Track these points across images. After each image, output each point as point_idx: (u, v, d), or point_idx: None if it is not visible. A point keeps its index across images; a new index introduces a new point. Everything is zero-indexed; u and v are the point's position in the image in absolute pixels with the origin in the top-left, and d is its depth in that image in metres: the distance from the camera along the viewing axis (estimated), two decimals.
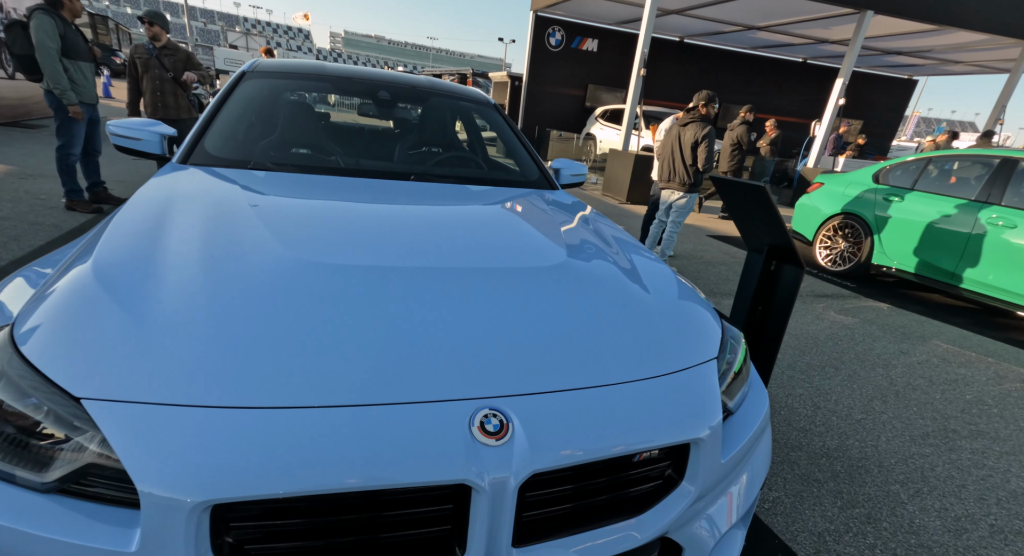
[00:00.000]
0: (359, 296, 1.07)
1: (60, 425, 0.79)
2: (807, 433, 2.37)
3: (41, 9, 3.94)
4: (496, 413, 0.89)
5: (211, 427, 0.77)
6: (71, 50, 4.08)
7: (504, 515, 0.84)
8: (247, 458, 0.75)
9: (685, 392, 1.08)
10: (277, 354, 0.89)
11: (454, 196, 1.89)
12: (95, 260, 1.06)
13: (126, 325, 0.90)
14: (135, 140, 1.88)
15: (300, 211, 1.51)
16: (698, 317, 1.34)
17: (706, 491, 1.07)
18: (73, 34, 4.09)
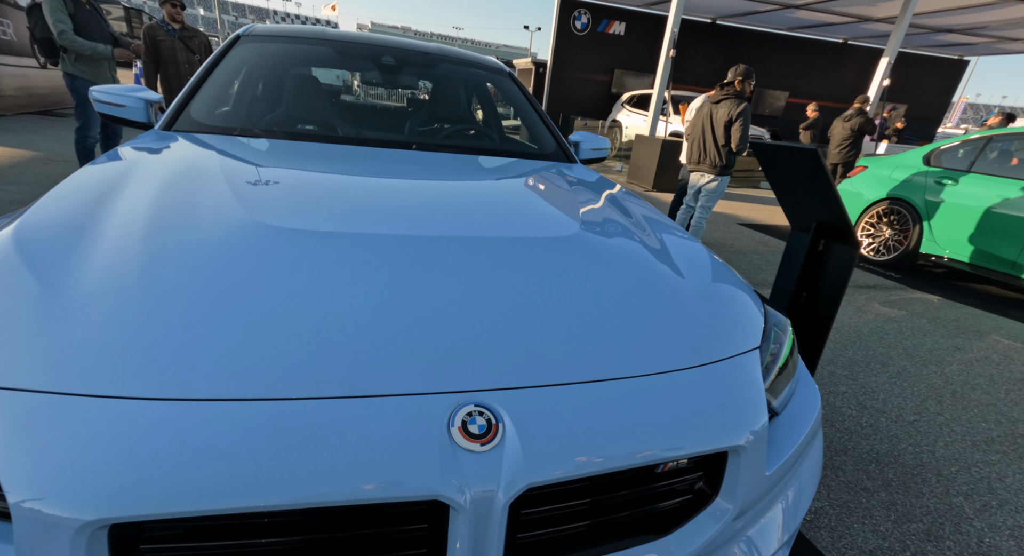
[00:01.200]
0: (323, 266, 0.90)
1: None
2: (852, 435, 2.13)
3: None
4: (483, 410, 0.71)
5: (118, 423, 0.61)
6: (81, 30, 4.02)
7: (491, 539, 0.67)
8: (160, 464, 0.59)
9: (721, 388, 0.88)
10: (212, 336, 0.72)
11: (457, 166, 1.70)
12: (19, 224, 0.92)
13: (37, 298, 0.75)
14: (118, 107, 1.75)
15: (280, 177, 1.35)
16: (737, 301, 1.12)
17: (746, 509, 0.87)
18: (84, 14, 4.03)
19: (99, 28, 4.17)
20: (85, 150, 4.28)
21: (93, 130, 4.25)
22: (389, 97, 2.74)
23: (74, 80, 4.05)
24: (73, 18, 3.95)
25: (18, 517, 0.56)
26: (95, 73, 4.12)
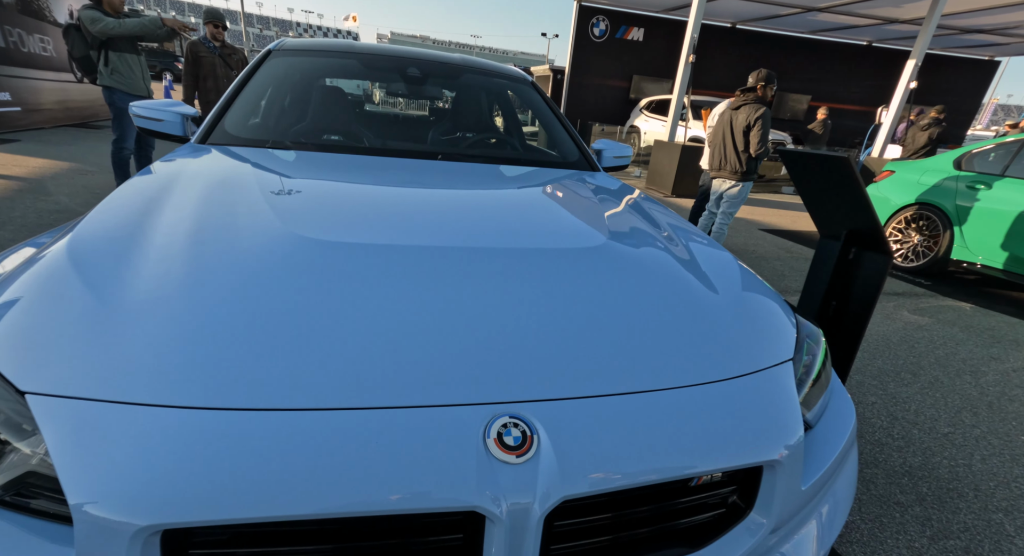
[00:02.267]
0: (361, 279, 0.92)
1: (4, 426, 0.67)
2: (884, 447, 2.07)
3: (84, 6, 4.09)
4: (518, 422, 0.71)
5: (171, 431, 0.64)
6: (114, 42, 4.17)
7: (527, 550, 0.67)
8: (210, 472, 0.61)
9: (755, 400, 0.87)
10: (258, 348, 0.75)
11: (483, 176, 1.72)
12: (71, 239, 0.96)
13: (91, 310, 0.79)
14: (156, 121, 1.81)
15: (314, 189, 1.38)
16: (768, 312, 1.12)
17: (781, 524, 0.86)
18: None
19: (131, 41, 4.33)
20: (120, 161, 4.44)
21: (128, 142, 4.41)
22: (415, 107, 2.79)
23: (112, 93, 4.21)
24: None
25: (79, 521, 0.58)
26: (131, 85, 4.27)
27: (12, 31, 7.37)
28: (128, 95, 4.27)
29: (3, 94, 7.15)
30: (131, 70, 4.28)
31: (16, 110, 7.39)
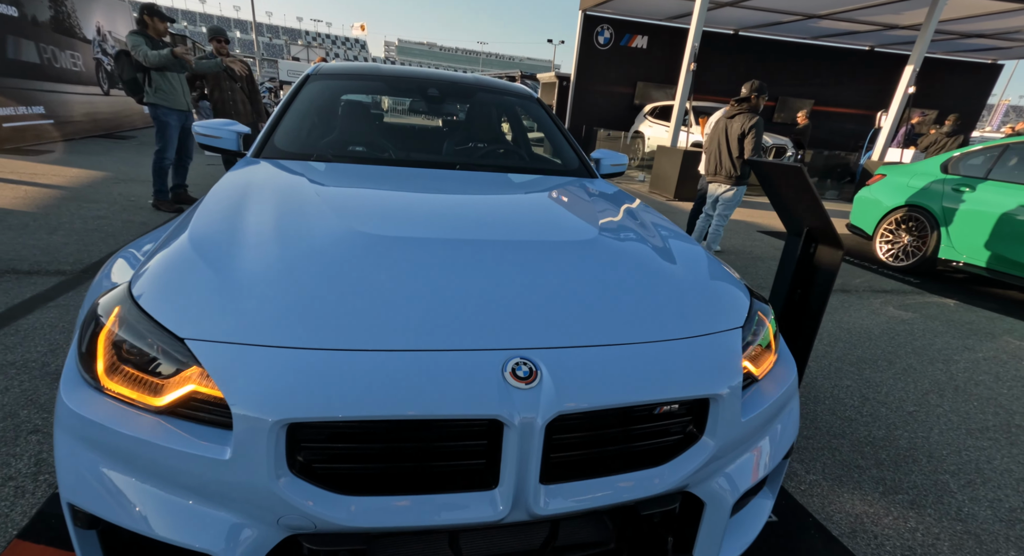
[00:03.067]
0: (408, 262, 1.21)
1: (169, 360, 0.97)
2: (852, 422, 2.33)
3: (132, 31, 4.47)
4: (526, 362, 1.00)
5: (288, 363, 0.93)
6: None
7: (532, 452, 0.95)
8: (316, 388, 0.90)
9: (707, 354, 1.15)
10: (342, 308, 1.04)
11: (495, 183, 2.02)
12: (190, 233, 1.26)
13: (218, 283, 1.08)
14: (215, 138, 2.13)
15: (357, 194, 1.68)
16: (726, 290, 1.39)
17: (725, 448, 1.13)
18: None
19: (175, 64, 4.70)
20: (161, 170, 4.79)
21: (169, 153, 4.76)
22: (434, 122, 3.10)
23: (156, 109, 4.57)
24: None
25: (237, 421, 0.87)
26: (172, 101, 4.63)
27: (47, 49, 7.81)
28: (170, 110, 4.63)
29: (37, 108, 7.58)
30: (173, 88, 4.63)
31: (49, 123, 7.81)
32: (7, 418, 1.84)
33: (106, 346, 1.02)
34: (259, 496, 0.89)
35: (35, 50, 7.54)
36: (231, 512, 0.92)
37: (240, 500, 0.91)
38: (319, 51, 56.15)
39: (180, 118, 4.81)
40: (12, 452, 1.68)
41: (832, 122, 15.29)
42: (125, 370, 1.00)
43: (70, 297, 2.86)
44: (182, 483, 0.92)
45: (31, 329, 2.47)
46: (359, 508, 0.92)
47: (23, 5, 7.27)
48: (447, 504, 0.96)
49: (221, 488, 0.90)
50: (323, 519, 0.90)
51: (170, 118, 4.70)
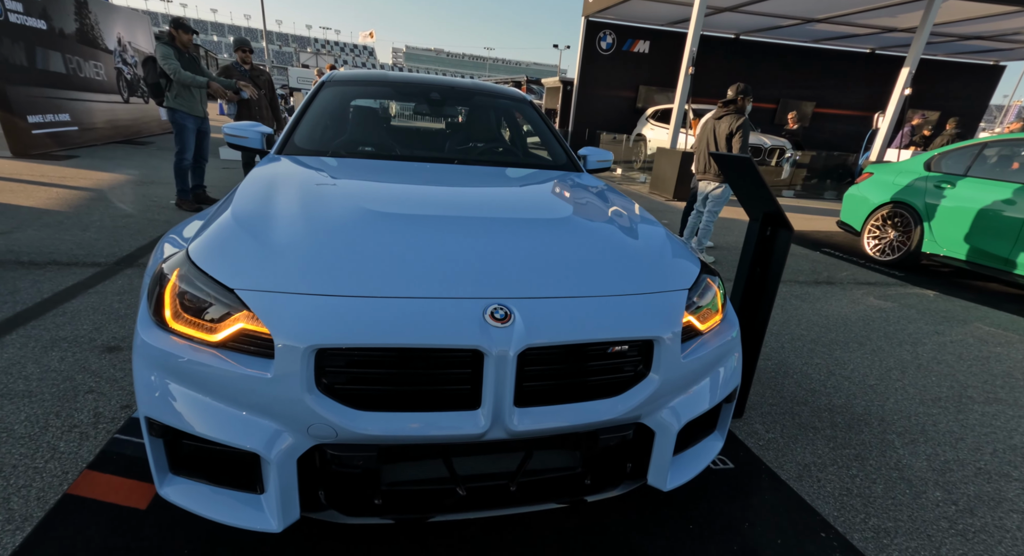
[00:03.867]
0: (410, 232, 1.48)
1: (221, 306, 1.24)
2: (815, 393, 2.56)
3: (161, 41, 4.81)
4: (503, 307, 1.25)
5: (315, 305, 1.19)
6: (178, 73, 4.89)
7: (507, 379, 1.20)
8: (337, 323, 1.16)
9: (654, 307, 1.40)
10: (356, 265, 1.30)
11: (488, 174, 2.28)
12: (232, 212, 1.53)
13: (258, 248, 1.35)
14: (243, 138, 2.41)
15: (368, 182, 1.95)
16: (678, 261, 1.64)
17: (668, 384, 1.38)
18: (186, 61, 4.90)
19: (197, 72, 5.03)
20: (181, 170, 5.12)
21: (188, 154, 5.09)
22: (437, 123, 3.38)
23: (174, 113, 4.91)
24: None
25: (278, 350, 1.13)
26: (190, 107, 4.96)
27: (72, 59, 8.21)
28: (188, 115, 4.96)
29: (64, 115, 7.97)
30: (191, 95, 4.97)
31: (74, 129, 8.20)
32: (66, 381, 2.12)
33: (171, 297, 1.29)
34: (294, 408, 1.16)
35: (62, 61, 7.94)
36: (272, 421, 1.18)
37: (279, 412, 1.17)
38: (328, 58, 57.15)
39: (196, 122, 5.13)
40: (74, 407, 1.96)
41: (834, 124, 15.46)
42: (186, 316, 1.27)
43: (107, 285, 3.16)
44: (234, 398, 1.18)
45: (76, 311, 2.76)
46: (370, 421, 1.18)
47: (51, 18, 7.67)
48: (440, 420, 1.22)
49: (265, 401, 1.16)
50: (342, 427, 1.16)
51: (187, 122, 5.03)
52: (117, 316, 2.75)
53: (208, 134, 5.41)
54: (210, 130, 5.43)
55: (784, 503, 1.76)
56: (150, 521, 1.47)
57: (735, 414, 2.26)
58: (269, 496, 1.23)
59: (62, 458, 1.69)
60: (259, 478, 1.25)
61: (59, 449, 1.73)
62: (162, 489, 1.30)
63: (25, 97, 7.11)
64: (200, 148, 5.31)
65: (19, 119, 6.98)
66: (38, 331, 2.51)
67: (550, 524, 1.58)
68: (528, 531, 1.55)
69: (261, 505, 1.25)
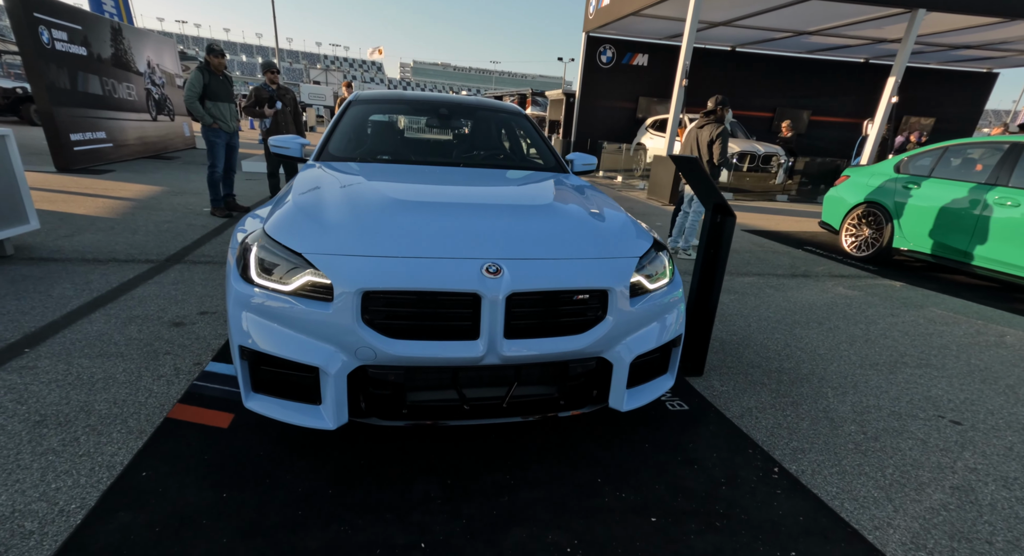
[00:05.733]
0: (426, 213, 1.97)
1: (290, 265, 1.72)
2: (769, 359, 2.99)
3: (196, 67, 5.38)
4: (495, 264, 1.72)
5: (360, 262, 1.67)
6: (212, 94, 5.45)
7: (498, 316, 1.67)
8: (376, 274, 1.64)
9: (610, 268, 1.87)
10: (388, 236, 1.79)
11: (488, 174, 2.78)
12: (292, 200, 2.03)
13: (315, 225, 1.84)
14: (285, 149, 2.93)
15: (391, 179, 2.45)
16: (633, 238, 2.10)
17: (620, 324, 1.83)
18: (217, 83, 5.46)
19: (227, 92, 5.59)
20: (213, 181, 5.67)
21: (219, 166, 5.64)
22: (446, 133, 3.94)
23: (207, 129, 5.46)
24: (207, 86, 5.38)
25: (336, 294, 1.61)
26: (222, 124, 5.49)
27: (108, 81, 8.88)
28: (220, 131, 5.51)
29: (100, 133, 8.62)
30: (222, 114, 5.50)
31: (109, 146, 8.85)
32: (147, 346, 2.62)
33: (255, 261, 1.78)
34: (346, 335, 1.63)
35: (99, 83, 8.61)
36: (330, 345, 1.65)
37: (336, 338, 1.64)
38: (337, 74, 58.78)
39: (227, 138, 5.70)
40: (157, 363, 2.45)
41: (829, 131, 15.89)
42: (265, 274, 1.75)
43: (162, 277, 3.68)
44: (303, 329, 1.66)
45: (142, 297, 3.27)
46: (400, 347, 1.66)
47: (91, 45, 8.35)
48: (449, 347, 1.69)
49: (326, 329, 1.64)
50: (381, 350, 1.64)
51: (219, 137, 5.58)
52: (175, 300, 3.25)
53: (237, 148, 5.97)
54: (239, 145, 6.00)
55: (724, 433, 2.20)
56: (231, 435, 1.95)
57: (695, 373, 2.71)
58: (326, 404, 1.70)
59: (157, 396, 2.18)
60: (317, 394, 1.72)
61: (153, 390, 2.22)
62: (247, 402, 1.77)
63: (68, 117, 7.76)
64: (230, 161, 5.86)
65: (63, 137, 7.62)
66: (116, 311, 3.01)
67: (535, 439, 2.04)
68: (517, 442, 2.01)
69: (319, 413, 1.72)
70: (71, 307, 3.01)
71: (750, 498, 1.80)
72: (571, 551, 1.52)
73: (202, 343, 2.69)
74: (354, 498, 1.67)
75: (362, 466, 1.83)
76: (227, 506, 1.59)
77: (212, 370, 2.42)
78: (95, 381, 2.25)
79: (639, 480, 1.86)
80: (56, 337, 2.63)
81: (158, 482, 1.67)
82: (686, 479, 1.88)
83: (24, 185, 3.88)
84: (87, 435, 1.89)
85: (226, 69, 5.61)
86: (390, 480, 1.77)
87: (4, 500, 1.56)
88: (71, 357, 2.44)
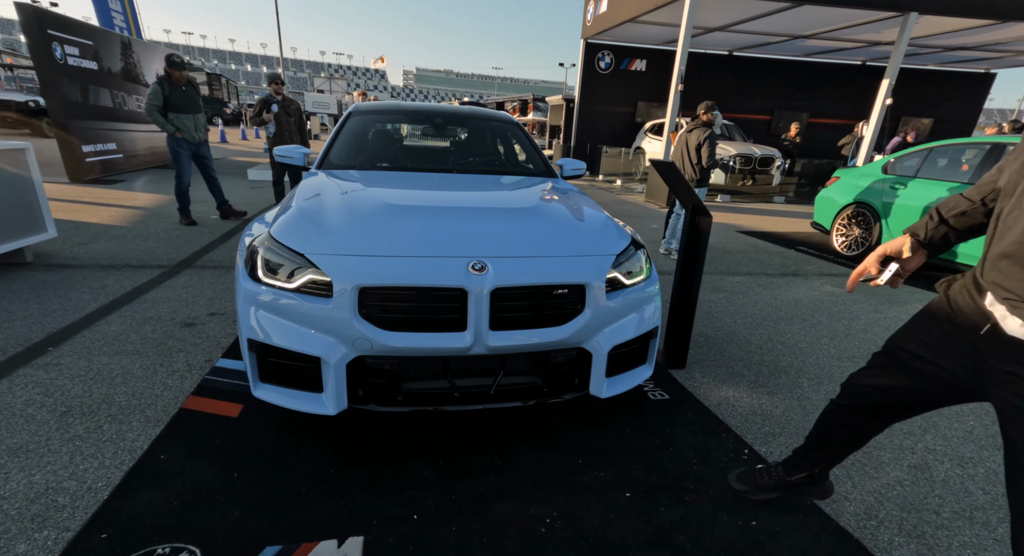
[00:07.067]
0: (420, 216, 2.14)
1: (294, 265, 1.88)
2: (751, 353, 3.13)
3: (156, 79, 5.44)
4: (480, 261, 1.88)
5: (357, 262, 1.84)
6: (174, 106, 5.42)
7: (483, 309, 1.83)
8: (371, 271, 1.80)
9: (588, 265, 2.02)
10: (383, 237, 1.95)
11: (479, 180, 2.94)
12: (296, 205, 2.20)
13: (316, 228, 2.01)
14: (290, 158, 3.11)
15: (388, 186, 2.62)
16: (612, 237, 2.25)
17: (598, 317, 1.99)
18: (179, 94, 5.44)
19: (191, 102, 5.56)
20: (179, 191, 5.69)
21: (185, 176, 5.63)
22: (442, 141, 4.12)
23: (169, 138, 5.51)
24: (168, 97, 5.37)
25: (336, 290, 1.77)
26: (187, 135, 5.53)
27: (118, 95, 9.15)
28: (182, 141, 5.54)
29: (111, 144, 8.87)
30: (184, 125, 5.50)
31: (120, 157, 9.10)
32: (161, 345, 2.79)
33: (261, 262, 1.95)
34: (344, 327, 1.79)
35: (109, 96, 8.87)
36: (330, 336, 1.82)
37: (335, 330, 1.81)
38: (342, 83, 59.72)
39: (192, 148, 5.66)
40: (171, 360, 2.62)
41: (827, 133, 16.00)
42: (271, 273, 1.92)
43: (174, 281, 3.86)
44: (305, 321, 1.82)
45: (155, 299, 3.46)
46: (394, 337, 1.82)
47: (102, 59, 8.62)
48: (439, 338, 1.84)
49: (326, 323, 1.80)
50: (376, 341, 1.80)
51: (182, 148, 5.57)
52: (186, 303, 3.43)
53: (208, 158, 5.92)
54: (210, 154, 5.98)
55: (701, 419, 2.34)
56: (241, 423, 2.11)
57: (678, 365, 2.85)
58: (327, 392, 1.86)
59: (172, 389, 2.35)
60: (319, 382, 1.88)
61: (168, 384, 2.39)
62: (256, 391, 1.94)
63: (80, 129, 8.01)
64: (203, 169, 5.88)
65: (76, 148, 7.87)
66: (131, 312, 3.20)
67: (522, 425, 2.19)
68: (505, 428, 2.16)
69: (321, 400, 1.88)
70: (89, 309, 3.19)
71: (719, 476, 1.94)
72: (550, 521, 1.67)
73: (212, 341, 2.87)
74: (354, 477, 1.83)
75: (361, 449, 1.99)
76: (237, 484, 1.76)
77: (222, 366, 2.58)
78: (114, 376, 2.43)
79: (617, 461, 2.01)
80: (76, 337, 2.81)
81: (175, 464, 1.84)
82: (661, 460, 2.03)
83: (43, 195, 4.08)
84: (109, 423, 2.06)
85: (192, 80, 5.63)
86: (387, 462, 1.93)
87: (38, 479, 1.73)
88: (91, 355, 2.62)
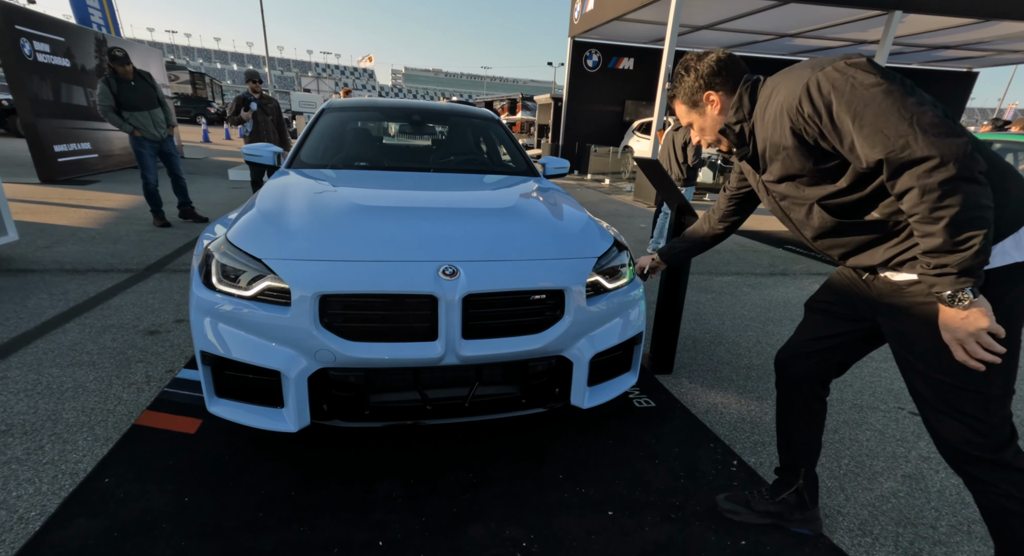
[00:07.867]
0: (388, 218, 2.00)
1: (251, 271, 1.75)
2: (740, 356, 3.04)
3: (102, 78, 5.12)
4: (452, 266, 1.76)
5: (318, 267, 1.70)
6: (126, 103, 5.11)
7: (455, 317, 1.71)
8: (333, 277, 1.67)
9: (567, 268, 1.90)
10: (347, 240, 1.82)
11: (457, 179, 2.82)
12: (257, 208, 2.06)
13: (277, 231, 1.87)
14: (259, 157, 2.96)
15: (358, 186, 2.49)
16: (593, 238, 2.14)
17: (578, 323, 1.87)
18: (129, 90, 5.11)
19: (146, 98, 5.19)
20: (148, 191, 5.46)
21: (150, 174, 5.40)
22: (418, 138, 3.96)
23: (130, 138, 5.28)
24: (117, 95, 5.06)
25: (294, 298, 1.64)
26: (145, 132, 5.25)
27: (92, 93, 8.88)
28: (143, 140, 5.28)
29: (85, 144, 8.61)
30: (139, 122, 5.20)
31: (95, 157, 8.85)
32: (120, 355, 2.63)
33: (215, 267, 1.81)
34: (305, 338, 1.66)
35: (83, 94, 8.60)
36: (290, 348, 1.68)
37: (295, 341, 1.67)
38: (329, 82, 59.15)
39: (154, 146, 5.39)
40: (129, 371, 2.47)
41: None
42: (227, 280, 1.78)
43: (140, 286, 3.69)
44: (263, 333, 1.69)
45: (119, 306, 3.29)
46: (359, 348, 1.68)
47: (74, 56, 8.36)
48: (408, 348, 1.71)
49: (285, 333, 1.67)
50: (340, 352, 1.66)
51: (143, 147, 5.32)
52: (152, 309, 3.27)
53: (174, 155, 5.65)
54: (175, 151, 5.73)
55: (688, 428, 2.24)
56: (198, 441, 1.97)
57: (665, 371, 2.75)
58: (288, 407, 1.72)
59: (126, 403, 2.20)
60: (280, 397, 1.74)
61: (123, 398, 2.24)
62: (211, 407, 1.80)
63: (51, 128, 7.75)
64: (169, 167, 5.63)
65: (47, 148, 7.61)
66: (91, 320, 3.03)
67: (499, 438, 2.07)
68: (481, 442, 2.04)
69: (282, 416, 1.75)
70: (46, 317, 3.02)
71: (707, 491, 1.83)
72: (527, 545, 1.55)
73: (176, 351, 2.71)
74: (316, 499, 1.70)
75: (327, 468, 1.86)
76: (187, 510, 1.61)
77: (184, 377, 2.44)
78: (64, 390, 2.27)
79: (600, 475, 1.90)
80: (28, 348, 2.64)
81: (120, 488, 1.69)
82: (646, 473, 1.92)
83: (1, 196, 3.89)
84: (52, 443, 1.91)
85: (144, 74, 5.28)
86: (353, 481, 1.80)
87: None
88: (42, 367, 2.45)
